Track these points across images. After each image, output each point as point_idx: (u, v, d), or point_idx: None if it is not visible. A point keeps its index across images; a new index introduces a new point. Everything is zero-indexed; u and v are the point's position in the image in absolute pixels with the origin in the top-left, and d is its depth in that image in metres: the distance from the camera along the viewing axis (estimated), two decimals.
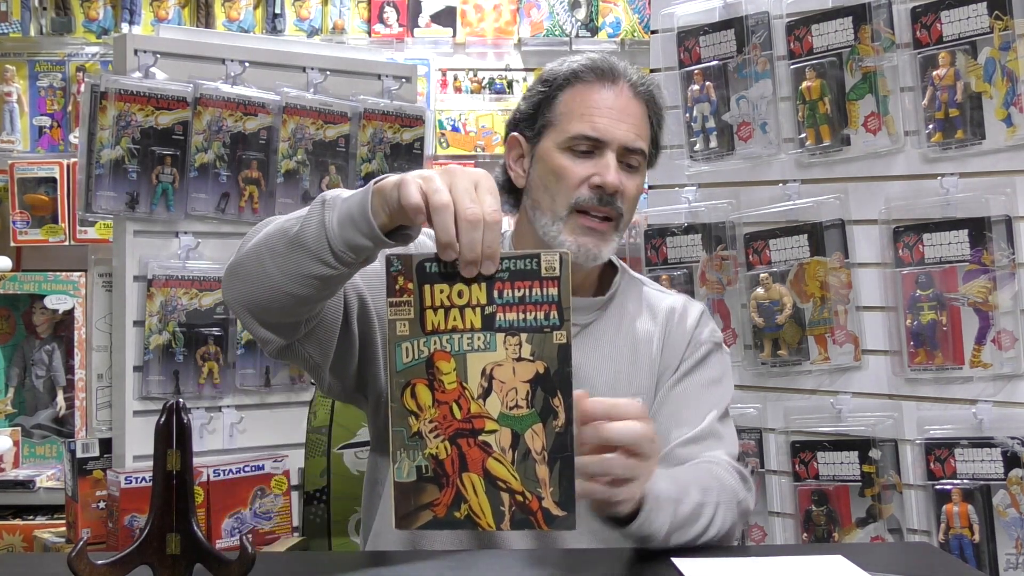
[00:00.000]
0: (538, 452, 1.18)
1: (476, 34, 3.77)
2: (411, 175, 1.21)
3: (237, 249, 1.43)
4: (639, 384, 1.64)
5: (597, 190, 1.57)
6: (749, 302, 2.33)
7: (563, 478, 1.18)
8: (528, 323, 1.18)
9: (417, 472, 1.19)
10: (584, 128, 1.59)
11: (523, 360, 1.18)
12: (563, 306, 1.17)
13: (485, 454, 1.19)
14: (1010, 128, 2.06)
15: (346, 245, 1.28)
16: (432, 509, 1.19)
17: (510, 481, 1.18)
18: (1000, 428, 2.06)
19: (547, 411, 1.18)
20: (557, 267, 1.17)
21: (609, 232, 1.60)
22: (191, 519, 1.17)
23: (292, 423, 2.53)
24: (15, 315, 3.48)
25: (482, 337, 1.18)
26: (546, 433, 1.18)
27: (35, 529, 2.89)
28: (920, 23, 2.14)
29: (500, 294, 1.17)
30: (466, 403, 1.19)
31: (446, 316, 1.18)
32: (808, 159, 2.28)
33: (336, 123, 2.60)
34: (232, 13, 3.71)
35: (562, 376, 1.18)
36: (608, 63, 1.64)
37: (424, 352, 1.19)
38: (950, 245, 2.11)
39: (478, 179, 1.20)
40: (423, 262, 1.18)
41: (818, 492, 2.24)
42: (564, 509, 1.18)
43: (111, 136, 2.38)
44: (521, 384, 1.18)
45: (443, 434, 1.19)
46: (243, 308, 1.42)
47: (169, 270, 2.45)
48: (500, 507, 1.19)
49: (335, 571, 1.32)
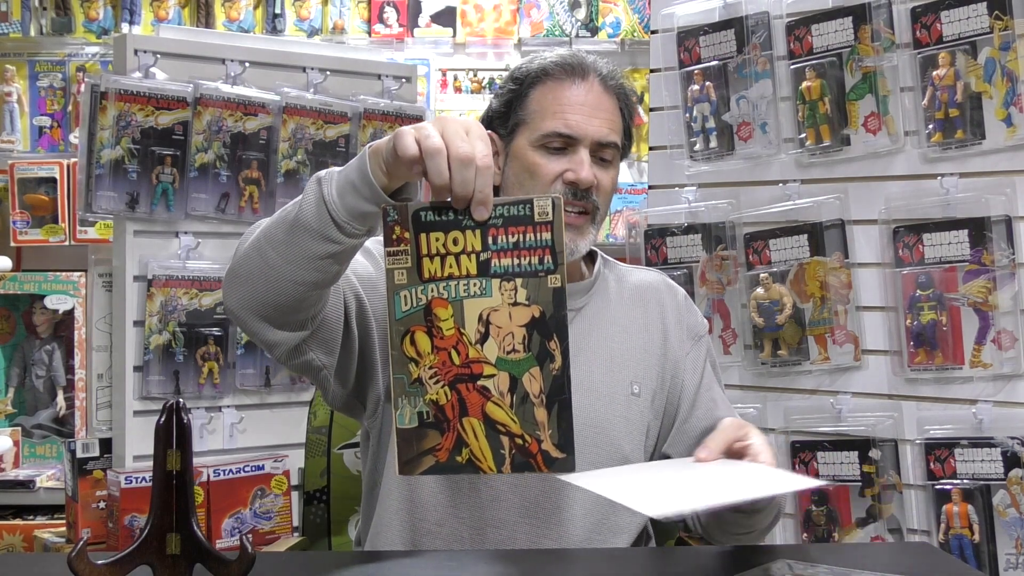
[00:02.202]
0: (536, 395, 1.20)
1: (476, 34, 3.77)
2: (404, 128, 1.23)
3: (233, 254, 1.42)
4: (634, 360, 1.67)
5: (571, 185, 1.58)
6: (749, 302, 2.33)
7: (561, 420, 1.20)
8: (523, 268, 1.19)
9: (419, 418, 1.21)
10: (557, 126, 1.59)
11: (519, 304, 1.20)
12: (557, 250, 1.19)
13: (484, 398, 1.21)
14: (1010, 128, 2.06)
15: (349, 214, 1.28)
16: (435, 454, 1.21)
17: (509, 424, 1.20)
18: (1000, 428, 2.06)
19: (544, 354, 1.20)
20: (550, 212, 1.19)
21: (585, 225, 1.61)
22: (191, 519, 1.17)
23: (292, 423, 2.53)
24: (15, 315, 3.48)
25: (478, 283, 1.20)
26: (543, 376, 1.20)
27: (35, 529, 2.89)
28: (920, 23, 2.14)
29: (495, 240, 1.19)
30: (464, 348, 1.20)
31: (442, 263, 1.20)
32: (808, 159, 2.28)
33: (336, 123, 2.60)
34: (232, 13, 3.71)
35: (558, 319, 1.19)
36: (577, 58, 1.64)
37: (422, 300, 1.20)
38: (950, 245, 2.11)
39: (469, 126, 1.22)
40: (419, 211, 1.19)
41: (818, 492, 2.24)
42: (563, 451, 1.20)
43: (111, 136, 2.38)
44: (517, 328, 1.20)
45: (443, 380, 1.21)
46: (249, 311, 1.40)
47: (169, 270, 2.45)
48: (500, 450, 1.20)
49: (335, 571, 1.32)
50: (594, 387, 1.62)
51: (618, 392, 1.63)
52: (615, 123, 1.63)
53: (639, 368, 1.67)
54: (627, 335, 1.68)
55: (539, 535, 1.56)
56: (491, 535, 1.56)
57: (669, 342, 1.70)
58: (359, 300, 1.52)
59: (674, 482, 1.33)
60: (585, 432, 1.59)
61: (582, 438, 1.58)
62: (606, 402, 1.62)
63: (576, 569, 1.39)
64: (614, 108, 1.64)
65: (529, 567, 1.36)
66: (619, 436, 1.62)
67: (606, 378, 1.64)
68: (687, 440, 1.66)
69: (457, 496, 1.57)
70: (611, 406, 1.62)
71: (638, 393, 1.65)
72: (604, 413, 1.61)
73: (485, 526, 1.56)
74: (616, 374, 1.64)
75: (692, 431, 1.67)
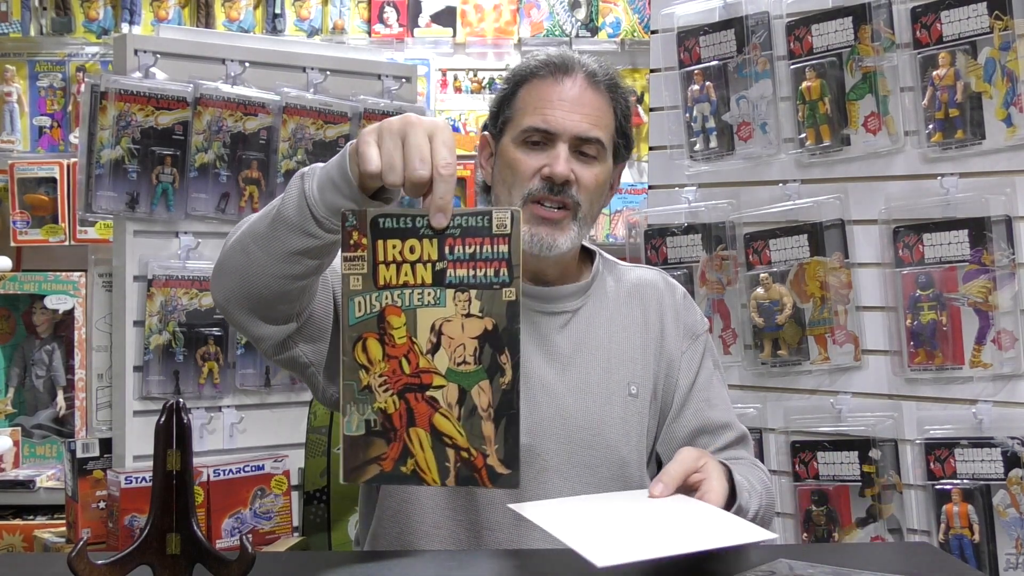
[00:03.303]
0: (484, 409, 1.19)
1: (476, 34, 3.77)
2: (367, 134, 1.21)
3: (221, 249, 1.43)
4: (632, 361, 1.66)
5: (548, 180, 1.58)
6: (749, 302, 2.33)
7: (508, 435, 1.18)
8: (478, 279, 1.19)
9: (366, 426, 1.20)
10: (535, 121, 1.59)
11: (472, 316, 1.19)
12: (513, 263, 1.18)
13: (432, 409, 1.20)
14: (1010, 128, 2.06)
15: (328, 210, 1.28)
16: (380, 463, 1.20)
17: (456, 437, 1.19)
18: (1000, 428, 2.06)
19: (494, 368, 1.19)
20: (508, 224, 1.18)
21: (565, 221, 1.59)
22: (191, 519, 1.17)
23: (292, 423, 2.53)
24: (15, 315, 3.48)
25: (432, 292, 1.19)
26: (492, 390, 1.19)
27: (35, 529, 2.89)
28: (920, 23, 2.14)
29: (451, 250, 1.18)
30: (415, 358, 1.20)
31: (398, 271, 1.19)
32: (808, 159, 2.28)
33: (336, 123, 2.60)
34: (232, 13, 3.71)
35: (510, 333, 1.19)
36: (564, 57, 1.64)
37: (376, 307, 1.19)
38: (950, 245, 2.11)
39: (435, 131, 1.19)
40: (377, 217, 1.19)
41: (818, 492, 2.24)
42: (508, 467, 1.19)
43: (111, 136, 2.38)
44: (469, 340, 1.19)
45: (392, 388, 1.20)
46: (234, 304, 1.41)
47: (169, 270, 2.45)
48: (445, 463, 1.19)
49: (335, 571, 1.32)
50: (590, 389, 1.62)
51: (615, 394, 1.63)
52: (600, 119, 1.62)
53: (637, 368, 1.66)
54: (626, 334, 1.68)
55: (535, 538, 1.55)
56: (487, 537, 1.56)
57: (665, 340, 1.70)
58: None
59: (624, 524, 1.30)
60: (580, 435, 1.59)
61: (578, 441, 1.59)
62: (602, 404, 1.62)
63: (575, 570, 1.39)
64: (601, 104, 1.63)
65: (528, 567, 1.36)
66: (615, 439, 1.61)
67: (603, 380, 1.63)
68: (675, 440, 1.66)
69: (454, 499, 1.57)
70: (607, 408, 1.62)
71: (636, 394, 1.64)
72: (600, 416, 1.61)
73: (482, 528, 1.56)
74: (613, 375, 1.64)
75: (681, 431, 1.67)
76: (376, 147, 1.19)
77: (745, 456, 1.69)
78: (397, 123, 1.20)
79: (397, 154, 1.18)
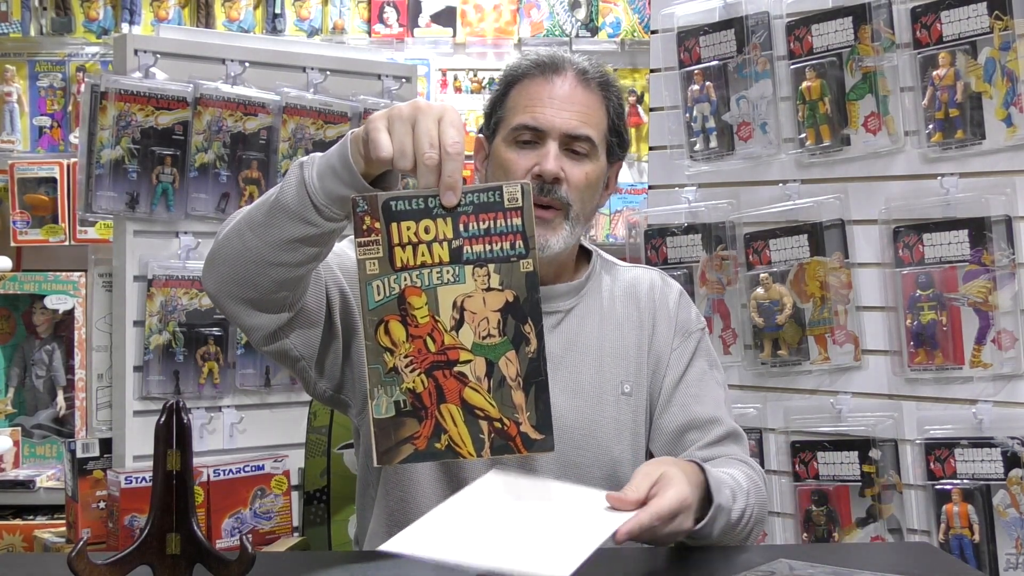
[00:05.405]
0: (513, 378, 1.21)
1: (476, 34, 3.77)
2: (377, 119, 1.24)
3: (214, 241, 1.43)
4: (626, 359, 1.66)
5: (538, 179, 1.57)
6: (749, 302, 2.33)
7: (539, 402, 1.21)
8: (495, 253, 1.21)
9: (395, 407, 1.21)
10: (524, 119, 1.59)
11: (492, 290, 1.21)
12: (528, 235, 1.21)
13: (461, 384, 1.21)
14: (1010, 128, 2.06)
15: (328, 198, 1.29)
16: (413, 442, 1.21)
17: (487, 409, 1.21)
18: (1000, 428, 2.06)
19: (519, 338, 1.21)
20: (519, 197, 1.21)
21: (557, 220, 1.58)
22: (191, 519, 1.17)
23: (292, 423, 2.53)
24: (15, 315, 3.48)
25: (451, 270, 1.21)
26: (519, 359, 1.21)
27: (35, 529, 2.89)
28: (920, 23, 2.14)
29: (466, 227, 1.20)
30: (439, 336, 1.21)
31: (414, 252, 1.21)
32: (808, 159, 2.28)
33: (336, 123, 2.60)
34: (232, 13, 3.71)
35: (531, 303, 1.21)
36: (554, 56, 1.64)
37: (395, 289, 1.21)
38: (950, 245, 2.11)
39: (443, 114, 1.23)
40: (389, 200, 1.20)
41: (818, 492, 2.24)
42: (541, 432, 1.21)
43: (111, 136, 2.38)
44: (492, 313, 1.21)
45: (419, 367, 1.21)
46: (225, 293, 1.41)
47: (169, 270, 2.45)
48: (479, 435, 1.21)
49: (335, 571, 1.32)
50: (582, 389, 1.61)
51: (607, 393, 1.62)
52: (590, 116, 1.61)
53: (631, 367, 1.66)
54: (620, 333, 1.67)
55: None
56: None
57: (656, 337, 1.69)
58: (343, 295, 1.53)
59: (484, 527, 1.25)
60: (572, 435, 1.59)
61: (568, 441, 1.58)
62: (593, 404, 1.61)
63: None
64: (591, 102, 1.62)
65: None
66: (607, 438, 1.61)
67: (594, 379, 1.62)
68: (663, 436, 1.64)
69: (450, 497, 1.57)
70: (599, 408, 1.61)
71: (629, 392, 1.64)
72: (591, 415, 1.61)
73: None
74: (606, 374, 1.63)
75: (668, 426, 1.65)
76: (387, 133, 1.22)
77: (736, 453, 1.65)
78: (407, 109, 1.23)
79: (408, 140, 1.21)
